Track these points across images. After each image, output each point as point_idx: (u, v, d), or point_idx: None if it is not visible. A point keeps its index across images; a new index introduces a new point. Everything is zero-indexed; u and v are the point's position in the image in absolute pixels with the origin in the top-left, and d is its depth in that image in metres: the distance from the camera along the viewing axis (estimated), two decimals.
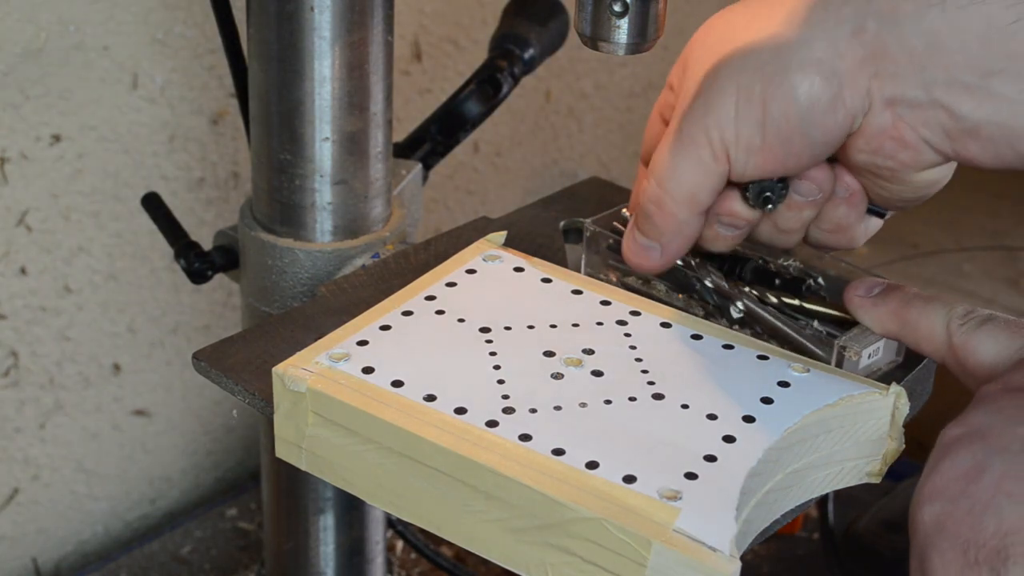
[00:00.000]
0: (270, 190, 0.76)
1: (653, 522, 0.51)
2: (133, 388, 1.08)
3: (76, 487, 1.07)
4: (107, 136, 0.99)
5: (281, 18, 0.71)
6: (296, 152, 0.74)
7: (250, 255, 0.78)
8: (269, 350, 0.65)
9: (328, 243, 0.76)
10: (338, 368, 0.59)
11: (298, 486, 0.83)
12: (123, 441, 1.09)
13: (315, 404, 0.58)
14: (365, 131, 0.75)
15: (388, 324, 0.63)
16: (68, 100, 0.96)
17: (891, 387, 0.59)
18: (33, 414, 1.02)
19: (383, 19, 0.73)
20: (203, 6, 0.96)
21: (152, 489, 1.13)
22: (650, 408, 0.57)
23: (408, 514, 0.57)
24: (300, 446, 0.60)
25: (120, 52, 0.97)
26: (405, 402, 0.57)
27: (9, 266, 0.97)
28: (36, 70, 0.93)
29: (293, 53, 0.72)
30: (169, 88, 1.01)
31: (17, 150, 0.94)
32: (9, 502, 1.03)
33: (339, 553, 0.85)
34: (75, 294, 1.01)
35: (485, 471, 0.54)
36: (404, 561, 1.04)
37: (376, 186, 0.77)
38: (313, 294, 0.75)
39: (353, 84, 0.73)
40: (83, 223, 1.00)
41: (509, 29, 0.92)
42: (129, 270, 1.04)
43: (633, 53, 0.57)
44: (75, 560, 1.09)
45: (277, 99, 0.73)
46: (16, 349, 0.99)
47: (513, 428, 0.55)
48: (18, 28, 0.91)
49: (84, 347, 1.04)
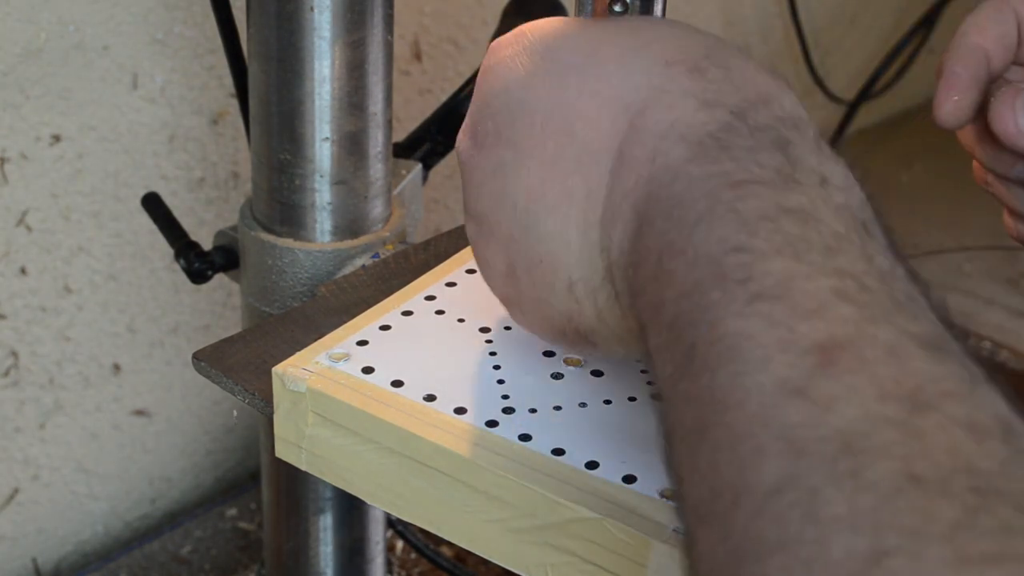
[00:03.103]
0: (270, 190, 0.76)
1: (653, 522, 0.51)
2: (133, 388, 1.08)
3: (76, 487, 1.07)
4: (107, 136, 0.99)
5: (281, 18, 0.71)
6: (296, 152, 0.74)
7: (250, 255, 0.78)
8: (269, 350, 0.65)
9: (328, 243, 0.76)
10: (338, 368, 0.59)
11: (298, 486, 0.83)
12: (123, 441, 1.09)
13: (315, 404, 0.58)
14: (365, 131, 0.75)
15: (388, 324, 0.63)
16: (68, 100, 0.96)
17: None
18: (33, 414, 1.02)
19: (383, 19, 0.73)
20: (203, 6, 0.96)
21: (152, 489, 1.13)
22: (650, 408, 0.57)
23: (408, 514, 0.57)
24: (300, 446, 0.60)
25: (120, 52, 0.97)
26: (405, 402, 0.57)
27: (9, 266, 0.97)
28: (36, 70, 0.93)
29: (293, 53, 0.72)
30: (169, 88, 1.01)
31: (17, 150, 0.94)
32: (9, 502, 1.03)
33: (339, 553, 0.85)
34: (75, 294, 1.01)
35: (485, 471, 0.53)
36: (404, 561, 1.04)
37: (376, 186, 0.77)
38: (313, 294, 0.75)
39: (353, 84, 0.73)
40: (83, 223, 1.00)
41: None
42: (129, 270, 1.04)
43: None
44: (75, 560, 1.09)
45: (277, 99, 0.73)
46: (16, 349, 0.99)
47: (513, 428, 0.55)
48: (18, 28, 0.91)
49: (84, 347, 1.03)
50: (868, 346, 0.38)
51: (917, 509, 0.34)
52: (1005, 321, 1.46)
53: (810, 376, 0.38)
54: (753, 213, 0.43)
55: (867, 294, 0.40)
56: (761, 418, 0.38)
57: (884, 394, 0.37)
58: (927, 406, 0.37)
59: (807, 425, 0.37)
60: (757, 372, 0.39)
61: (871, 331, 0.39)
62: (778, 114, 0.47)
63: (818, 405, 0.37)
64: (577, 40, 0.52)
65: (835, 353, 0.38)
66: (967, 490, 0.34)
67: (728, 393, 0.39)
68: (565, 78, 0.51)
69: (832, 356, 0.38)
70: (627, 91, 0.49)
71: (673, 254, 0.44)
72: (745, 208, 0.43)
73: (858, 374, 0.38)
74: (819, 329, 0.39)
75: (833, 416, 0.37)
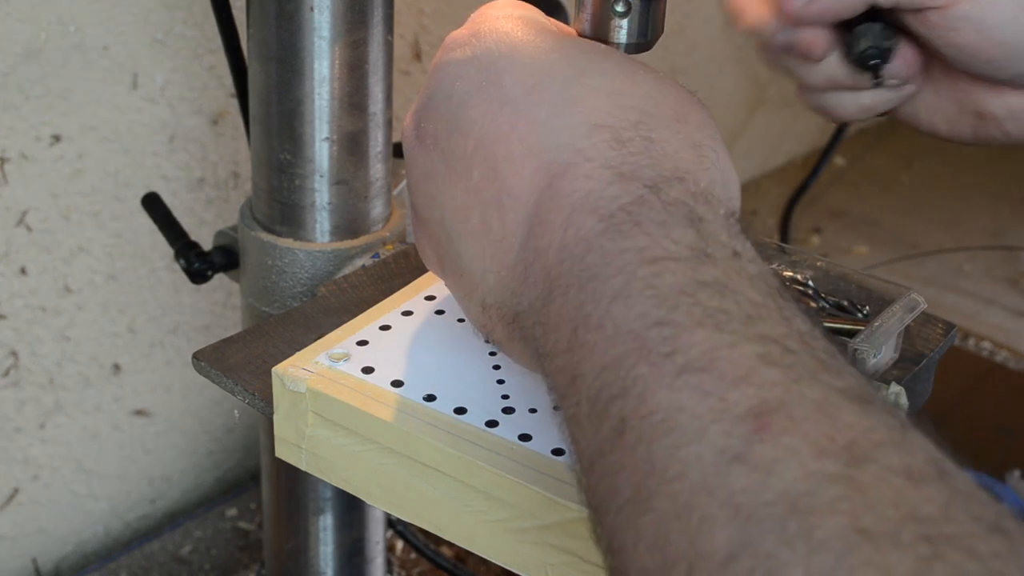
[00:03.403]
0: (270, 190, 0.76)
1: None
2: (133, 388, 1.08)
3: (76, 487, 1.07)
4: (107, 136, 0.99)
5: (281, 18, 0.71)
6: (296, 152, 0.74)
7: (250, 255, 0.78)
8: (269, 350, 0.65)
9: (328, 243, 0.76)
10: (338, 368, 0.59)
11: (298, 486, 0.83)
12: (123, 441, 1.09)
13: (315, 404, 0.58)
14: (365, 131, 0.75)
15: (388, 324, 0.63)
16: (68, 100, 0.96)
17: (891, 386, 0.59)
18: (33, 414, 1.02)
19: (383, 19, 0.73)
20: (203, 6, 0.96)
21: (152, 489, 1.13)
22: None
23: (408, 514, 0.57)
24: (300, 446, 0.60)
25: (120, 52, 0.97)
26: (405, 402, 0.57)
27: (9, 266, 0.97)
28: (36, 70, 0.93)
29: (293, 53, 0.72)
30: (169, 88, 1.01)
31: (17, 150, 0.94)
32: (9, 502, 1.03)
33: (339, 553, 0.85)
34: (75, 294, 1.01)
35: (485, 471, 0.53)
36: (404, 561, 1.04)
37: (376, 186, 0.77)
38: (313, 294, 0.75)
39: (353, 84, 0.73)
40: (83, 223, 1.00)
41: None
42: (129, 270, 1.04)
43: (635, 53, 0.57)
44: (75, 560, 1.09)
45: (277, 99, 0.73)
46: (16, 349, 0.99)
47: (513, 428, 0.55)
48: (18, 28, 0.91)
49: (84, 347, 1.04)
50: (798, 406, 0.39)
51: (872, 564, 0.35)
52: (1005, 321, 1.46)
53: (747, 442, 0.39)
54: (671, 289, 0.43)
55: (791, 356, 0.41)
56: (705, 487, 0.38)
57: (821, 451, 0.38)
58: (864, 458, 0.37)
59: (751, 491, 0.38)
60: (694, 443, 0.39)
61: (799, 391, 0.40)
62: (692, 190, 0.48)
63: (759, 470, 0.38)
64: (523, 68, 0.52)
65: (768, 417, 0.39)
66: (918, 539, 0.35)
67: (668, 465, 0.40)
68: (501, 109, 0.51)
69: (765, 420, 0.39)
70: (551, 148, 0.50)
71: (590, 327, 0.45)
72: (662, 284, 0.44)
73: (793, 434, 0.38)
74: (749, 395, 0.40)
75: (775, 479, 0.37)
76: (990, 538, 0.35)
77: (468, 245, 0.53)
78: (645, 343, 0.42)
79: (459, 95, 0.53)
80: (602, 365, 0.44)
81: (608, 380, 0.43)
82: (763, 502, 0.37)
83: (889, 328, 0.62)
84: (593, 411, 0.44)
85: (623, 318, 0.44)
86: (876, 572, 0.34)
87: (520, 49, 0.53)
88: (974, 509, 0.36)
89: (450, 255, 0.54)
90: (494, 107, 0.51)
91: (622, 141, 0.49)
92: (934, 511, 0.36)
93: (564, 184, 0.48)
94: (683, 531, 0.38)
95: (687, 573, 0.38)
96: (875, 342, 0.61)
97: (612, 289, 0.45)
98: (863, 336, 0.62)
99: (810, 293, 0.66)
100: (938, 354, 0.66)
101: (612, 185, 0.47)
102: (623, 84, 0.51)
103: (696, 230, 0.46)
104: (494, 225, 0.51)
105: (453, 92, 0.53)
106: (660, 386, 0.41)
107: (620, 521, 0.41)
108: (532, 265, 0.49)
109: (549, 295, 0.48)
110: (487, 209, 0.51)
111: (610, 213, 0.47)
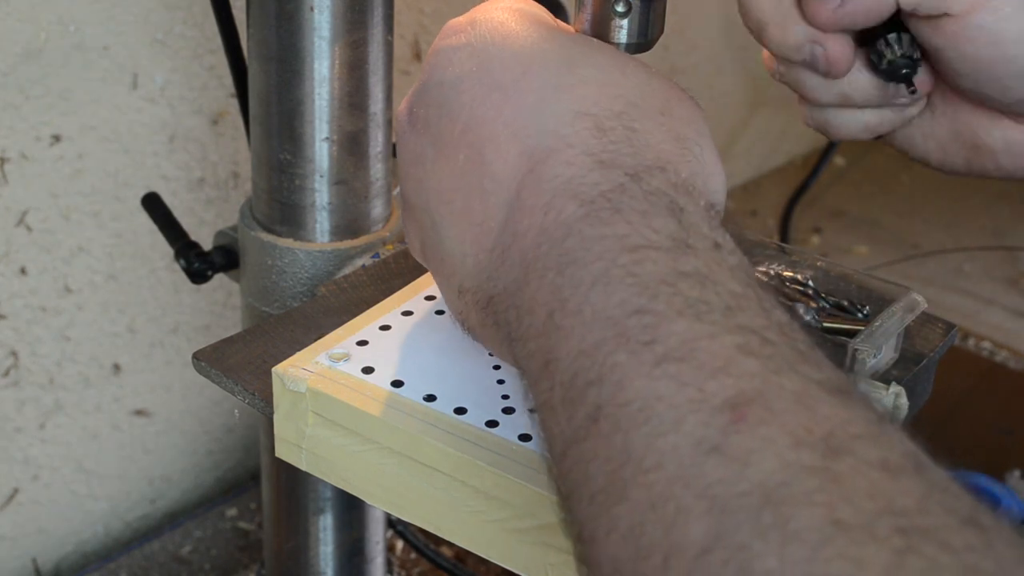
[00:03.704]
0: (270, 190, 0.76)
1: None
2: (133, 388, 1.08)
3: (76, 487, 1.07)
4: (107, 136, 0.99)
5: (281, 18, 0.71)
6: (296, 152, 0.74)
7: (250, 255, 0.78)
8: (269, 350, 0.65)
9: (328, 243, 0.76)
10: (338, 368, 0.59)
11: (298, 486, 0.83)
12: (123, 441, 1.09)
13: (315, 404, 0.58)
14: (365, 131, 0.75)
15: (388, 324, 0.63)
16: (68, 100, 0.96)
17: (891, 386, 0.59)
18: (33, 414, 1.02)
19: (383, 19, 0.73)
20: (203, 6, 0.96)
21: (152, 489, 1.13)
22: None
23: (408, 514, 0.57)
24: (300, 446, 0.60)
25: (120, 52, 0.97)
26: (405, 402, 0.57)
27: (9, 266, 0.97)
28: (36, 70, 0.93)
29: (293, 53, 0.72)
30: (169, 88, 1.01)
31: (17, 150, 0.94)
32: (9, 502, 1.03)
33: (339, 553, 0.85)
34: (75, 294, 1.01)
35: (485, 471, 0.53)
36: (404, 561, 1.04)
37: (376, 186, 0.77)
38: (313, 294, 0.75)
39: (353, 84, 0.73)
40: (83, 223, 1.00)
41: None
42: (129, 270, 1.04)
43: (635, 53, 0.57)
44: (75, 560, 1.09)
45: (277, 99, 0.73)
46: (16, 349, 0.99)
47: (513, 428, 0.55)
48: (18, 28, 0.91)
49: (84, 347, 1.03)
50: (776, 397, 0.39)
51: (847, 557, 0.35)
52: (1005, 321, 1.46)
53: (724, 433, 0.39)
54: (651, 277, 0.43)
55: (770, 347, 0.41)
56: (681, 478, 0.38)
57: (798, 442, 0.38)
58: (841, 450, 0.37)
59: (727, 482, 0.37)
60: (671, 433, 0.39)
61: (778, 382, 0.40)
62: (672, 180, 0.48)
63: (736, 461, 0.38)
64: (514, 55, 0.52)
65: (745, 408, 0.39)
66: (893, 532, 0.35)
67: (644, 454, 0.40)
68: (490, 94, 0.52)
69: (743, 411, 0.39)
70: (535, 133, 0.50)
71: (567, 312, 0.44)
72: (643, 272, 0.44)
73: (770, 425, 0.38)
74: (727, 386, 0.40)
75: (751, 470, 0.37)
76: (964, 531, 0.35)
77: (450, 228, 0.53)
78: (624, 331, 0.42)
79: (451, 80, 0.53)
80: (579, 350, 0.43)
81: (584, 365, 0.43)
82: (738, 493, 0.37)
83: (889, 328, 0.62)
84: (567, 396, 0.43)
85: (602, 304, 0.44)
86: (850, 564, 0.34)
87: (513, 38, 0.53)
88: (949, 502, 0.36)
89: (432, 240, 0.55)
90: (483, 92, 0.52)
91: (603, 130, 0.49)
92: (910, 504, 0.36)
93: (546, 169, 0.49)
94: (658, 522, 0.38)
95: (662, 564, 0.38)
96: (875, 342, 0.61)
97: (591, 275, 0.44)
98: (863, 336, 0.62)
99: (810, 293, 0.66)
100: (938, 354, 0.66)
101: (593, 172, 0.48)
102: (612, 75, 0.52)
103: (677, 220, 0.46)
104: (476, 208, 0.51)
105: (445, 78, 0.53)
106: (638, 374, 0.41)
107: (593, 510, 0.41)
108: (510, 248, 0.49)
109: (525, 278, 0.48)
110: (470, 192, 0.51)
111: (591, 199, 0.47)
